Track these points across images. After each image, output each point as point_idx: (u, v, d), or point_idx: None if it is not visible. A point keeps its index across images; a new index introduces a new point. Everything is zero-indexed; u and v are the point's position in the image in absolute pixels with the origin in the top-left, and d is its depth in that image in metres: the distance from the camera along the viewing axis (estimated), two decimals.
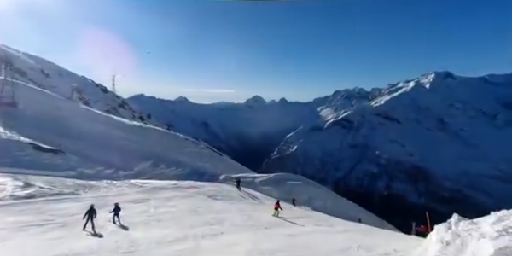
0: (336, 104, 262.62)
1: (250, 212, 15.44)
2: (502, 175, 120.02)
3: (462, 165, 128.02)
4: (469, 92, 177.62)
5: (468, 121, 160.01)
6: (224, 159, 40.86)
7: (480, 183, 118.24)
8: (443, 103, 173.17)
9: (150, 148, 30.67)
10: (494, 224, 6.19)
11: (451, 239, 6.14)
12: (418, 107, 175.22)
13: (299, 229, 12.33)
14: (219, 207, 15.59)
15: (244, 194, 22.17)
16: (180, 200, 16.17)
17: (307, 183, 33.68)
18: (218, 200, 18.03)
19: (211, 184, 23.14)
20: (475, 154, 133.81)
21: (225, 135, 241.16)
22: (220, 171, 30.57)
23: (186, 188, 19.77)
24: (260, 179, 31.08)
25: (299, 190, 29.45)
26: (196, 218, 12.52)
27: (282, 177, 32.71)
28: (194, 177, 25.94)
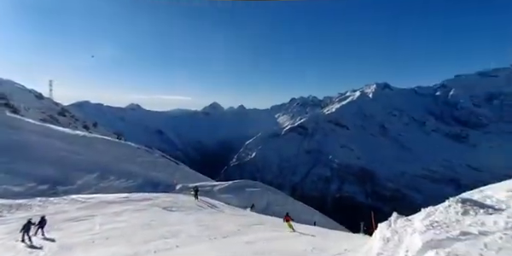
0: (292, 111, 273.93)
1: (208, 221, 15.07)
2: (431, 175, 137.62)
3: (400, 167, 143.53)
4: (403, 102, 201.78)
5: (403, 127, 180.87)
6: (181, 167, 39.29)
7: (414, 183, 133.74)
8: (383, 111, 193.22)
9: (96, 159, 28.03)
10: (423, 220, 7.08)
11: (391, 236, 6.83)
12: (364, 114, 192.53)
13: (257, 236, 12.41)
14: (175, 219, 14.90)
15: (202, 203, 21.55)
16: (131, 214, 15.03)
17: (266, 189, 34.17)
18: (174, 211, 17.22)
19: (166, 195, 22.01)
20: (410, 157, 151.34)
21: (182, 143, 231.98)
22: (176, 180, 29.26)
23: (138, 200, 18.46)
24: (219, 187, 30.59)
25: (258, 197, 29.73)
26: (149, 233, 11.75)
27: (241, 185, 32.64)
28: (147, 189, 24.39)
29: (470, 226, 5.49)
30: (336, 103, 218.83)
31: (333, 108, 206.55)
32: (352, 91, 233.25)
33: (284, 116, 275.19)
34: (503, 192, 9.76)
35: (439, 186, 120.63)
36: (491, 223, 5.33)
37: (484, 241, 4.29)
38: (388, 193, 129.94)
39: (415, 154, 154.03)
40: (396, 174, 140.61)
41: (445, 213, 6.94)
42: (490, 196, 9.47)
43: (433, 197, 11.16)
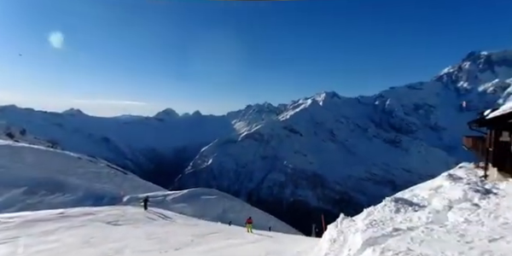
0: (249, 118, 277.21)
1: (159, 234, 14.18)
2: (373, 177, 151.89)
3: (347, 171, 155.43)
4: (349, 110, 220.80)
5: (349, 133, 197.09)
6: (130, 177, 36.51)
7: (359, 186, 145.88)
8: (332, 118, 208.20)
9: (23, 172, 24.39)
10: (364, 219, 7.80)
11: (337, 236, 7.34)
12: (315, 121, 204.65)
13: (211, 246, 12.11)
14: (121, 234, 13.68)
15: (153, 214, 20.24)
16: (66, 231, 13.32)
17: (222, 196, 33.73)
18: (121, 225, 15.82)
19: (111, 208, 20.12)
20: (355, 161, 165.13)
21: (132, 151, 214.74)
22: (124, 191, 27.04)
23: (76, 216, 16.49)
24: (172, 197, 29.17)
25: (214, 204, 29.14)
26: (88, 252, 10.55)
27: (195, 193, 31.65)
28: (88, 202, 22.01)
29: (401, 223, 6.21)
30: (290, 110, 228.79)
31: (287, 115, 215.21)
32: (305, 99, 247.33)
33: (240, 122, 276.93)
34: (426, 191, 11.30)
35: (380, 187, 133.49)
36: (417, 218, 6.12)
37: (411, 235, 4.92)
38: (337, 196, 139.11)
39: (359, 158, 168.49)
40: (343, 177, 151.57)
41: (381, 212, 7.75)
42: (417, 195, 10.89)
43: (374, 198, 12.59)
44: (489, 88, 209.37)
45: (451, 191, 8.28)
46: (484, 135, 17.30)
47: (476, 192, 7.44)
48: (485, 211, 5.53)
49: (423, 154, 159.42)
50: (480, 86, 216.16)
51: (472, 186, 8.28)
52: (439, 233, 4.78)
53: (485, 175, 14.81)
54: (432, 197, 8.93)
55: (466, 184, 8.91)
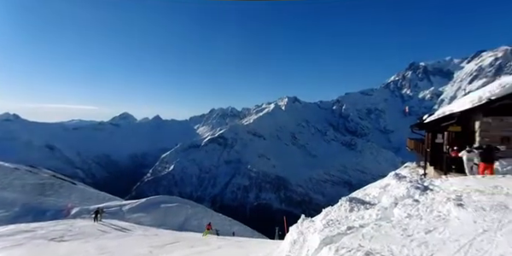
0: (212, 122, 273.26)
1: (113, 247, 13.12)
2: (331, 179, 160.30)
3: (308, 173, 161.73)
4: (310, 114, 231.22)
5: (310, 137, 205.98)
6: (80, 188, 33.28)
7: (319, 187, 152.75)
8: (294, 122, 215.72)
9: None
10: (322, 220, 8.18)
11: (297, 237, 7.58)
12: (278, 125, 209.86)
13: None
14: (66, 251, 12.35)
15: (106, 227, 18.67)
16: None
17: (184, 203, 32.52)
18: (67, 241, 14.29)
19: (55, 223, 18.10)
20: (316, 163, 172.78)
21: (82, 159, 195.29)
22: (72, 204, 24.54)
23: (10, 234, 14.49)
24: (129, 206, 27.26)
25: (175, 212, 27.94)
26: None
27: (155, 201, 30.03)
28: (27, 218, 19.49)
29: (354, 221, 6.65)
30: (254, 115, 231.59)
31: (251, 119, 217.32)
32: (268, 103, 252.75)
33: (204, 127, 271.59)
34: (376, 189, 12.28)
35: (338, 188, 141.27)
36: (368, 216, 6.61)
37: (362, 232, 5.30)
38: (299, 197, 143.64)
39: (319, 160, 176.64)
40: (305, 179, 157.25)
41: (337, 212, 8.20)
42: (369, 194, 11.78)
43: (333, 198, 13.31)
44: (427, 95, 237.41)
45: (397, 189, 9.09)
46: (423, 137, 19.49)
47: (417, 189, 8.29)
48: (423, 205, 6.17)
49: (375, 156, 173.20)
50: (420, 93, 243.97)
51: (414, 184, 9.20)
52: (386, 228, 5.22)
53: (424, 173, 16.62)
54: (381, 195, 9.72)
55: (409, 182, 9.85)
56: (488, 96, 11.22)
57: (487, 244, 3.30)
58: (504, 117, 10.99)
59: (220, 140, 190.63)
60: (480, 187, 6.57)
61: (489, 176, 8.92)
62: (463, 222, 4.43)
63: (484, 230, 3.80)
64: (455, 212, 5.04)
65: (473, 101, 11.80)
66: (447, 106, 19.00)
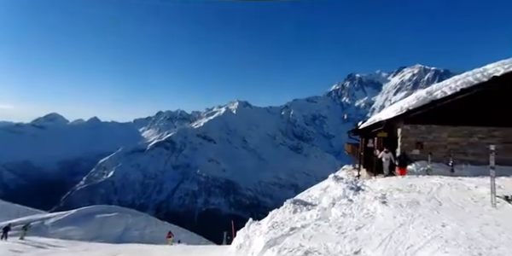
0: (159, 125, 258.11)
1: None
2: (279, 182, 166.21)
3: (258, 177, 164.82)
4: (260, 118, 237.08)
5: (260, 141, 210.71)
6: None
7: (267, 190, 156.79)
8: (245, 126, 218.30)
9: None
10: (268, 222, 8.41)
11: (244, 241, 7.64)
12: (229, 129, 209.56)
13: None
14: None
15: (23, 245, 15.91)
16: None
17: (123, 212, 29.78)
18: None
19: None
20: (265, 167, 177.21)
21: None
22: None
23: None
24: (54, 220, 23.79)
25: (113, 223, 25.39)
26: None
27: (88, 212, 26.84)
28: None
29: (297, 222, 7.00)
30: (204, 118, 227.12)
31: (201, 123, 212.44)
32: (218, 107, 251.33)
33: (150, 130, 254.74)
34: (318, 191, 13.18)
35: (285, 191, 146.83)
36: (309, 216, 7.04)
37: (303, 232, 5.61)
38: (248, 201, 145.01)
39: (268, 164, 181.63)
40: (254, 183, 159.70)
41: (282, 214, 8.53)
42: (311, 195, 12.57)
43: (280, 201, 13.84)
44: (361, 104, 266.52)
45: (335, 190, 9.89)
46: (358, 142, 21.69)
47: (351, 189, 9.15)
48: (355, 204, 6.84)
49: (319, 159, 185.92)
50: (356, 102, 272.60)
51: (349, 185, 10.13)
52: (324, 227, 5.63)
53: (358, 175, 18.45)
54: (322, 196, 10.46)
55: (345, 184, 10.81)
56: (407, 107, 13.12)
57: (402, 236, 3.83)
58: (418, 125, 12.95)
59: (168, 144, 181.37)
60: (400, 186, 7.59)
61: (407, 176, 10.39)
62: (386, 217, 5.05)
63: (401, 224, 4.40)
64: (380, 209, 5.72)
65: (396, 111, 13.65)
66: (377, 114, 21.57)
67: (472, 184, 6.77)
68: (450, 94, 12.34)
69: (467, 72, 13.51)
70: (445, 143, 12.44)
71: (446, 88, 12.86)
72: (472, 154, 11.61)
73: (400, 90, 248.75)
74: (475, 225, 3.69)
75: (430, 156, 11.67)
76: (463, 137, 12.22)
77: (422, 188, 7.02)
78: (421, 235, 3.66)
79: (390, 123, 13.94)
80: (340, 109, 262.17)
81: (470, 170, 10.28)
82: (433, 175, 10.15)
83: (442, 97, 12.44)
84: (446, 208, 4.96)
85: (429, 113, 12.54)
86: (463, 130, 12.25)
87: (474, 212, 4.47)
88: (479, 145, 11.34)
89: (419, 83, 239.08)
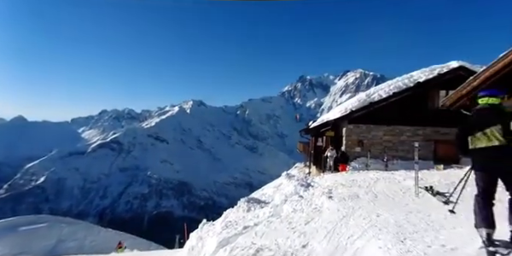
0: (103, 125, 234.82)
1: None
2: (235, 181, 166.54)
3: (213, 177, 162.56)
4: (215, 118, 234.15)
5: (215, 141, 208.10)
6: None
7: (223, 190, 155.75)
8: (199, 126, 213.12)
9: None
10: (222, 222, 8.35)
11: (196, 243, 7.45)
12: (183, 129, 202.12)
13: None
14: None
15: None
16: None
17: (57, 222, 26.39)
18: None
19: None
20: (220, 167, 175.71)
21: None
22: None
23: None
24: None
25: (43, 235, 22.30)
26: None
27: (10, 224, 23.12)
28: None
29: (250, 220, 7.09)
30: (156, 117, 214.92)
31: (152, 122, 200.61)
32: (171, 106, 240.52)
33: (92, 130, 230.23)
34: (271, 189, 13.59)
35: (240, 190, 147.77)
36: (262, 214, 7.19)
37: (255, 230, 5.72)
38: (202, 202, 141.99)
39: (223, 164, 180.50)
40: (209, 183, 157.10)
41: (236, 213, 8.56)
42: (265, 193, 12.88)
43: (236, 200, 13.73)
44: (312, 104, 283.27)
45: (287, 187, 10.30)
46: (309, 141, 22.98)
47: (302, 186, 9.65)
48: (305, 200, 7.22)
49: (273, 158, 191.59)
50: (307, 103, 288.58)
51: (300, 182, 10.65)
52: (276, 224, 5.82)
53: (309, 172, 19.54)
54: (275, 194, 10.80)
55: (296, 181, 11.34)
56: (350, 108, 14.36)
57: (344, 228, 4.17)
58: (360, 124, 14.33)
59: (114, 145, 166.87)
60: (344, 181, 8.27)
61: (350, 172, 11.39)
62: (331, 211, 5.45)
63: (343, 216, 4.79)
64: (326, 204, 6.15)
65: (341, 112, 14.84)
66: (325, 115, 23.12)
67: (401, 177, 7.72)
68: (384, 97, 13.92)
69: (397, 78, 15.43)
70: (380, 141, 13.98)
71: (382, 91, 14.47)
72: (402, 150, 13.26)
73: (345, 92, 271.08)
74: (402, 213, 4.22)
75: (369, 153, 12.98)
76: (395, 136, 13.89)
77: (362, 182, 7.75)
78: (359, 225, 4.03)
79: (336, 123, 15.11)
80: (293, 109, 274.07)
81: (400, 164, 11.73)
82: (371, 170, 11.31)
83: (378, 100, 13.96)
84: (381, 200, 5.57)
85: (368, 113, 13.97)
86: (395, 129, 13.93)
87: (402, 202, 5.12)
88: (407, 143, 12.99)
89: (361, 86, 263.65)
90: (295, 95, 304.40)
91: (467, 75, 10.53)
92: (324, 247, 3.86)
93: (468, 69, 12.69)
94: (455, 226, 3.42)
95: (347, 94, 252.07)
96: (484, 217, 2.67)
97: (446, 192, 4.83)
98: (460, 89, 9.13)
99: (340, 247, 3.63)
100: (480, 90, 3.14)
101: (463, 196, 4.46)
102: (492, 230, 2.62)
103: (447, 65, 13.93)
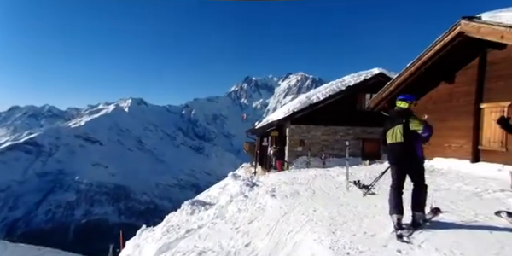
0: (15, 124, 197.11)
1: None
2: (179, 183, 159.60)
3: (155, 179, 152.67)
4: (158, 117, 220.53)
5: (158, 142, 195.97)
6: None
7: (166, 193, 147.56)
8: (140, 126, 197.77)
9: None
10: (163, 227, 7.93)
11: (133, 251, 6.90)
12: (120, 129, 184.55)
13: None
14: None
15: None
16: None
17: None
18: None
19: None
20: (163, 169, 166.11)
21: None
22: None
23: None
24: None
25: None
26: None
27: None
28: None
29: (194, 223, 6.89)
30: (86, 116, 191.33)
31: (82, 122, 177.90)
32: (106, 104, 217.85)
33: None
34: (217, 189, 13.46)
35: (185, 192, 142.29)
36: (206, 216, 7.07)
37: (199, 233, 5.59)
38: (143, 206, 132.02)
39: (167, 165, 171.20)
40: (151, 186, 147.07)
41: (179, 216, 8.22)
42: (210, 195, 12.68)
43: (180, 203, 12.87)
44: (258, 105, 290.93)
45: (233, 188, 10.34)
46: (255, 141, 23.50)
47: (247, 186, 9.80)
48: (250, 200, 7.36)
49: (220, 158, 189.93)
50: (253, 103, 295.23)
51: (245, 181, 10.80)
52: (220, 225, 5.78)
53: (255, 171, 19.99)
54: (220, 195, 10.73)
55: (242, 181, 11.47)
56: (292, 109, 15.22)
57: (285, 224, 4.40)
58: (301, 125, 15.31)
59: (29, 147, 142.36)
60: (286, 179, 8.71)
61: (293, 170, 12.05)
62: (274, 209, 5.68)
63: (285, 213, 5.04)
64: (270, 202, 6.37)
65: (284, 113, 15.61)
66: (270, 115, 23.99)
67: (335, 174, 8.52)
68: (322, 99, 15.17)
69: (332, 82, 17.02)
70: (319, 141, 15.18)
71: (319, 94, 15.74)
72: (336, 148, 14.63)
73: (288, 94, 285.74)
74: (335, 207, 4.66)
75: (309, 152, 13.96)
76: (331, 135, 15.25)
77: (302, 179, 8.28)
78: (298, 220, 4.30)
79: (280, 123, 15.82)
80: (240, 109, 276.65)
81: (335, 162, 12.92)
82: (311, 168, 12.18)
83: (316, 102, 15.14)
84: (318, 195, 6.04)
85: (308, 114, 15.04)
86: (331, 129, 15.30)
87: (335, 196, 5.65)
88: (340, 141, 14.37)
89: (302, 88, 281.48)
90: (242, 95, 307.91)
91: (385, 81, 12.22)
92: (266, 244, 4.00)
93: (386, 75, 14.73)
94: (374, 215, 3.94)
95: (290, 95, 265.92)
96: (395, 204, 3.18)
97: (370, 185, 5.51)
98: (380, 92, 10.58)
99: (281, 242, 3.82)
100: (397, 95, 3.71)
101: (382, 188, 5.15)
102: (401, 216, 3.13)
103: (371, 71, 15.91)
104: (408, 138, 3.19)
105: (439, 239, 2.85)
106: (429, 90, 9.40)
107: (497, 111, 7.12)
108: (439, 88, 9.07)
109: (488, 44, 6.92)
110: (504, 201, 3.99)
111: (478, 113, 7.56)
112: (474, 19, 6.62)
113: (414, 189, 3.26)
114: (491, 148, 7.23)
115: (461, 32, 7.02)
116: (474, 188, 5.21)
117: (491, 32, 6.10)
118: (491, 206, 3.80)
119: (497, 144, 7.03)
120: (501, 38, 5.92)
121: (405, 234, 2.98)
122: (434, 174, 6.94)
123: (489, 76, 7.39)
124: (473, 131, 7.59)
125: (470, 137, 7.64)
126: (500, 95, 6.91)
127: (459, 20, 6.96)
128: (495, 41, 6.25)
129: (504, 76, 6.90)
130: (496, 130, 7.06)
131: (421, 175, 3.30)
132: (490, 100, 7.31)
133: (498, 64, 7.11)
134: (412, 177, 3.29)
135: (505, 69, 6.89)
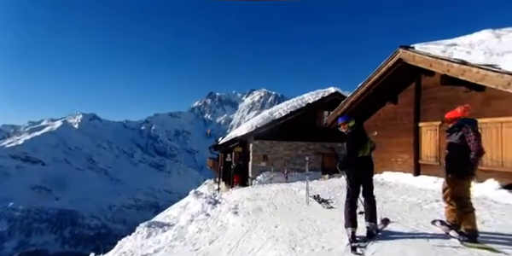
0: None
1: None
2: (136, 203, 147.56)
3: (109, 200, 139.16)
4: (113, 134, 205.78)
5: (113, 159, 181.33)
6: None
7: (120, 215, 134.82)
8: (92, 143, 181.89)
9: None
10: (115, 253, 7.19)
11: None
12: (68, 147, 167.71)
13: None
14: None
15: None
16: None
17: None
18: None
19: None
20: (119, 189, 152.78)
21: None
22: None
23: None
24: None
25: None
26: None
27: None
28: None
29: (150, 247, 6.37)
30: (26, 134, 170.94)
31: (20, 140, 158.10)
32: (51, 121, 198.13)
33: None
34: (178, 209, 12.72)
35: (143, 213, 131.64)
36: (164, 238, 6.60)
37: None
38: (92, 232, 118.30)
39: (124, 185, 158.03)
40: (103, 209, 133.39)
41: (133, 241, 7.54)
42: (169, 215, 11.92)
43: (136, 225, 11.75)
44: (222, 120, 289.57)
45: (194, 206, 9.89)
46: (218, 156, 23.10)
47: (209, 204, 9.46)
48: (212, 218, 7.10)
49: (182, 175, 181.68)
50: (217, 118, 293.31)
51: (208, 199, 10.43)
52: (179, 247, 5.44)
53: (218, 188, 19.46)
54: (180, 214, 10.14)
55: (204, 198, 11.06)
56: (256, 125, 15.45)
57: (247, 242, 4.31)
58: (264, 140, 15.54)
59: None
60: (249, 195, 8.63)
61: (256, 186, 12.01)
62: (236, 227, 5.54)
63: (247, 231, 4.95)
64: (232, 220, 6.21)
65: (247, 128, 15.76)
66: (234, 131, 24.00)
67: (296, 188, 8.70)
68: (283, 115, 15.72)
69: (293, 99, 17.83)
70: (282, 156, 15.50)
71: (281, 110, 16.31)
72: (298, 163, 15.04)
73: (252, 110, 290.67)
74: (295, 222, 4.73)
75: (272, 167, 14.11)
76: (293, 150, 15.70)
77: (265, 195, 8.29)
78: (260, 238, 4.26)
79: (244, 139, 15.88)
80: (203, 125, 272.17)
81: (297, 176, 13.23)
82: (274, 183, 12.27)
83: (279, 118, 15.63)
84: (280, 211, 6.08)
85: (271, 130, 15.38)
86: (293, 144, 15.78)
87: (296, 211, 5.74)
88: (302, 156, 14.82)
89: (265, 104, 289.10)
90: (205, 110, 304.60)
91: (341, 99, 13.19)
92: None
93: (341, 94, 15.92)
94: (332, 229, 4.08)
95: (254, 111, 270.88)
96: (350, 218, 3.35)
97: (329, 199, 5.73)
98: (336, 110, 11.37)
99: None
100: (340, 117, 3.94)
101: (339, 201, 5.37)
102: (355, 229, 3.31)
103: (327, 90, 17.06)
104: (371, 152, 3.56)
105: (388, 249, 3.05)
106: (378, 109, 10.38)
107: (431, 129, 8.14)
108: (386, 107, 10.08)
109: (421, 71, 8.00)
110: (439, 211, 4.45)
111: (417, 131, 8.55)
112: (409, 48, 7.68)
113: (370, 202, 3.48)
114: (428, 162, 8.13)
115: (400, 58, 8.04)
116: (416, 199, 5.74)
117: (423, 60, 7.11)
118: (428, 216, 4.21)
119: (433, 159, 7.95)
120: (430, 67, 6.94)
121: (362, 245, 3.13)
122: (384, 187, 7.49)
123: (424, 98, 8.49)
124: (413, 147, 8.50)
125: (412, 153, 8.51)
126: (433, 115, 7.93)
127: (398, 49, 8.00)
128: (426, 68, 7.26)
129: (435, 99, 7.97)
130: (432, 146, 8.01)
131: (373, 187, 3.58)
132: (425, 119, 8.34)
133: (430, 88, 8.23)
134: (368, 189, 3.52)
135: (435, 93, 7.99)
